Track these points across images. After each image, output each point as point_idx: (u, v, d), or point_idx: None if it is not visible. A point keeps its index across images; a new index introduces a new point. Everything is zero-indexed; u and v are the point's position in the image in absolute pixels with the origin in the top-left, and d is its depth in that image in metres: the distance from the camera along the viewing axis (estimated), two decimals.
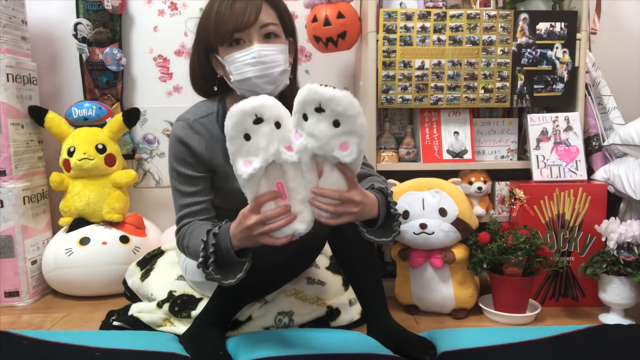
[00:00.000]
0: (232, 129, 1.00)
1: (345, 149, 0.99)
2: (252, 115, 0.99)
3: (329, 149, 0.98)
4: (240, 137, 1.00)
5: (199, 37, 1.23)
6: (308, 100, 0.97)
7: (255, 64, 1.16)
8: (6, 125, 1.69)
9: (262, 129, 1.00)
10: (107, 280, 1.73)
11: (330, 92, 0.96)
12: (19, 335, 1.34)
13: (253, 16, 1.14)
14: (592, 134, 1.74)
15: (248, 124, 0.99)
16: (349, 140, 0.99)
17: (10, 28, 1.74)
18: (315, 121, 0.98)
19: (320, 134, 0.98)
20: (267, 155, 1.00)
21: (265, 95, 1.01)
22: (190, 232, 1.19)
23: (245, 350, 1.23)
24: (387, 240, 1.15)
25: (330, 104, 0.96)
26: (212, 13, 1.17)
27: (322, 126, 0.97)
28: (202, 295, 1.43)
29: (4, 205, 1.69)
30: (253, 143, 1.00)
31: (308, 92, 0.97)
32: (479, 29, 1.66)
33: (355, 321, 1.46)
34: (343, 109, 0.96)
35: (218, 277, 1.09)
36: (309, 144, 0.99)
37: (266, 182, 1.03)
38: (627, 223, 1.49)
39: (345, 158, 0.99)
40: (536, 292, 1.62)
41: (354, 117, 0.97)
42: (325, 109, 0.97)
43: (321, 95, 0.96)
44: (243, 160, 1.01)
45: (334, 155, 0.99)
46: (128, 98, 2.06)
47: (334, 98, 0.96)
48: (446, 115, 1.75)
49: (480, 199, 1.75)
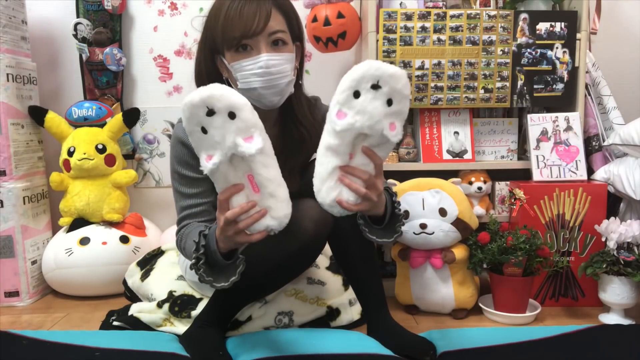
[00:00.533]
0: (187, 123, 0.97)
1: (393, 128, 0.98)
2: (202, 107, 0.95)
3: (379, 128, 0.96)
4: (197, 131, 0.97)
5: (206, 38, 1.20)
6: (367, 76, 0.95)
7: (263, 74, 1.13)
8: (6, 125, 1.69)
9: (216, 122, 0.96)
10: (107, 280, 1.73)
11: (392, 69, 0.95)
12: (19, 335, 1.34)
13: (262, 23, 1.11)
14: (592, 134, 1.74)
15: (202, 117, 0.96)
16: (396, 121, 0.98)
17: (10, 28, 1.74)
18: (370, 98, 0.95)
19: (374, 111, 0.95)
20: (224, 148, 0.96)
21: (215, 85, 0.96)
22: (187, 233, 1.19)
23: (245, 350, 1.23)
24: (387, 241, 1.15)
25: (390, 81, 0.95)
26: (220, 15, 1.14)
27: (377, 103, 0.95)
28: (202, 295, 1.43)
29: (4, 205, 1.69)
30: (210, 136, 0.97)
31: (369, 68, 0.95)
32: (479, 29, 1.66)
33: (355, 321, 1.46)
34: (401, 87, 0.96)
35: (210, 280, 1.07)
36: (357, 122, 0.96)
37: (234, 175, 1.00)
38: (627, 223, 1.49)
39: (394, 137, 0.98)
40: (536, 292, 1.62)
41: (406, 98, 0.98)
42: (383, 86, 0.95)
43: (383, 71, 0.95)
44: (205, 154, 0.99)
45: (384, 133, 0.97)
46: (128, 98, 2.06)
47: (395, 75, 0.95)
48: (446, 115, 1.75)
49: (480, 199, 1.75)
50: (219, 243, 1.05)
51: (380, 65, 0.95)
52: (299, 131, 1.26)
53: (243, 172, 1.00)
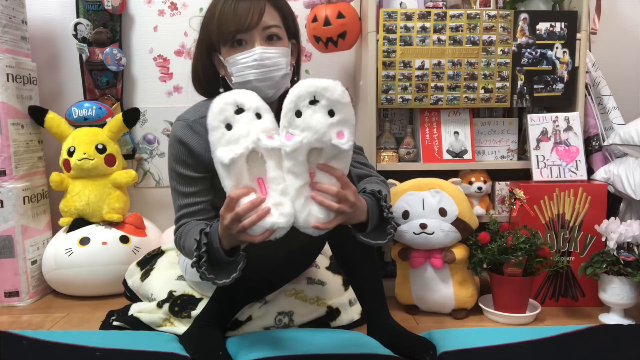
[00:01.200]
0: (214, 118, 1.01)
1: (341, 137, 1.00)
2: (233, 105, 1.02)
3: (327, 139, 0.99)
4: (221, 127, 1.02)
5: (202, 37, 1.23)
6: (302, 94, 0.99)
7: (257, 66, 1.15)
8: (6, 125, 1.69)
9: (243, 118, 1.02)
10: (107, 280, 1.73)
11: (324, 82, 1.00)
12: (19, 335, 1.34)
13: (256, 17, 1.14)
14: (592, 134, 1.74)
15: (230, 114, 1.02)
16: (344, 129, 1.01)
17: (10, 28, 1.74)
18: (310, 113, 0.99)
19: (317, 125, 0.99)
20: (247, 142, 1.01)
21: (246, 90, 1.05)
22: (186, 232, 1.19)
23: (245, 350, 1.23)
24: (382, 242, 1.14)
25: (325, 93, 0.99)
26: (216, 13, 1.17)
27: (319, 116, 0.99)
28: (202, 295, 1.43)
29: (4, 205, 1.69)
30: (234, 132, 1.02)
31: (302, 87, 1.00)
32: (479, 29, 1.66)
33: (355, 321, 1.46)
34: (338, 97, 0.99)
35: (211, 277, 1.07)
36: (304, 138, 0.99)
37: (247, 175, 1.03)
38: (627, 223, 1.49)
39: (343, 145, 1.00)
40: (536, 292, 1.62)
41: (347, 106, 1.00)
42: (320, 99, 0.99)
43: (316, 86, 0.99)
44: (224, 148, 1.02)
45: (333, 143, 0.99)
46: (128, 98, 2.06)
47: (329, 87, 0.99)
48: (446, 115, 1.75)
49: (480, 199, 1.75)
50: (222, 240, 1.06)
51: (313, 82, 0.99)
52: None
53: (255, 174, 1.04)
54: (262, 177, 1.04)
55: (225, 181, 1.03)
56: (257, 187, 1.04)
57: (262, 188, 1.03)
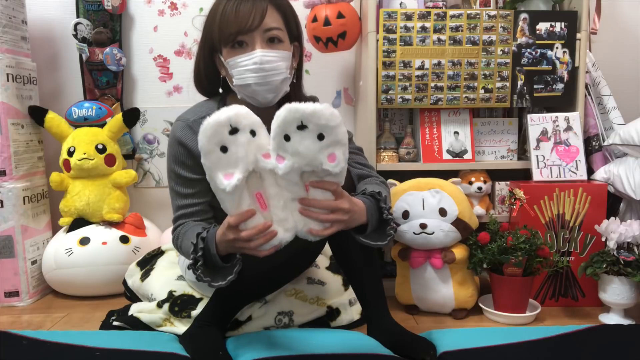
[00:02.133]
0: (207, 142, 0.97)
1: (333, 159, 0.99)
2: (227, 126, 0.97)
3: (317, 164, 0.98)
4: (216, 151, 0.98)
5: (204, 37, 1.23)
6: (289, 120, 0.96)
7: (257, 70, 1.15)
8: (6, 125, 1.69)
9: (240, 139, 0.98)
10: (107, 280, 1.73)
11: (310, 107, 0.96)
12: (19, 335, 1.34)
13: (257, 19, 1.13)
14: (592, 134, 1.74)
15: (224, 136, 0.97)
16: (335, 151, 0.99)
17: (10, 28, 1.74)
18: (299, 139, 0.97)
19: (306, 151, 0.97)
20: (247, 164, 0.99)
21: (236, 106, 0.99)
22: (183, 233, 1.19)
23: (245, 350, 1.23)
24: (382, 244, 1.15)
25: (312, 119, 0.95)
26: (218, 13, 1.17)
27: (307, 142, 0.97)
28: (202, 295, 1.43)
29: (4, 205, 1.69)
30: (231, 154, 0.98)
31: (287, 112, 0.97)
32: (479, 29, 1.66)
33: (355, 321, 1.46)
34: (326, 121, 0.96)
35: (207, 280, 1.08)
36: (295, 163, 0.98)
37: (248, 193, 1.02)
38: (627, 223, 1.49)
39: (334, 169, 0.99)
40: (536, 292, 1.62)
41: (337, 128, 0.97)
42: (308, 125, 0.96)
43: (302, 112, 0.96)
44: (223, 173, 0.99)
45: (323, 168, 0.98)
46: (128, 98, 2.06)
47: (315, 112, 0.95)
48: (446, 115, 1.75)
49: (480, 199, 1.75)
50: (219, 247, 1.06)
51: (299, 107, 0.96)
52: None
53: (253, 190, 1.02)
54: (260, 192, 1.03)
55: (226, 204, 1.02)
56: (256, 202, 1.03)
57: (261, 203, 1.03)
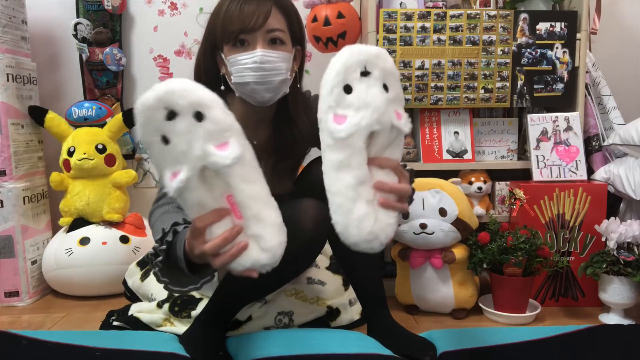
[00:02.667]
0: (143, 132, 0.76)
1: (400, 117, 0.82)
2: (160, 109, 0.74)
3: (387, 119, 0.80)
4: (157, 142, 0.76)
5: (207, 34, 1.23)
6: (352, 64, 0.80)
7: (256, 69, 1.15)
8: (6, 125, 1.69)
9: (178, 126, 0.74)
10: (107, 280, 1.73)
11: (375, 49, 0.81)
12: (19, 335, 1.34)
13: (261, 19, 1.13)
14: (592, 134, 1.74)
15: (160, 123, 0.75)
16: (399, 108, 0.83)
17: (10, 28, 1.74)
18: (364, 87, 0.79)
19: (375, 101, 0.79)
20: (192, 160, 0.75)
21: (174, 79, 0.78)
22: (163, 213, 1.09)
23: (245, 350, 1.23)
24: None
25: (378, 62, 0.80)
26: (222, 11, 1.17)
27: (375, 91, 0.80)
28: (202, 295, 1.43)
29: (4, 205, 1.69)
30: (173, 147, 0.75)
31: (349, 54, 0.80)
32: (479, 29, 1.66)
33: (355, 321, 1.46)
34: (391, 67, 0.82)
35: (165, 281, 0.95)
36: (362, 119, 0.79)
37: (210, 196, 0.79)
38: (627, 223, 1.49)
39: (405, 127, 0.83)
40: (536, 292, 1.62)
41: (398, 79, 0.84)
42: (372, 70, 0.80)
43: (367, 53, 0.80)
44: (170, 171, 0.77)
45: (394, 124, 0.80)
46: (128, 98, 2.06)
47: (380, 54, 0.81)
48: (446, 115, 1.75)
49: (480, 199, 1.75)
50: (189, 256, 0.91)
51: (362, 48, 0.81)
52: (292, 133, 1.27)
53: (220, 192, 0.80)
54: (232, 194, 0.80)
55: (186, 211, 0.82)
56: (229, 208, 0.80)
57: (235, 209, 0.80)
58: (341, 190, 0.82)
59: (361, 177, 0.81)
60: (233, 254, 0.81)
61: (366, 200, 0.81)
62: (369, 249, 0.85)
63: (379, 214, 0.82)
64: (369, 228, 0.81)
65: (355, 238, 0.83)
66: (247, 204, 0.80)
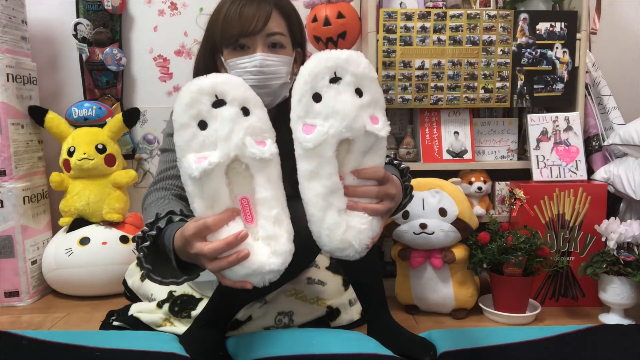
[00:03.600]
0: (182, 112, 0.78)
1: (376, 121, 0.80)
2: (210, 95, 0.78)
3: (359, 125, 0.78)
4: (193, 125, 0.78)
5: (207, 36, 1.22)
6: (319, 72, 0.78)
7: (256, 73, 1.14)
8: (6, 125, 1.69)
9: (223, 113, 0.77)
10: (107, 280, 1.73)
11: (344, 53, 0.78)
12: (19, 335, 1.34)
13: (261, 23, 1.12)
14: (592, 134, 1.74)
15: (205, 107, 0.78)
16: (375, 112, 0.80)
17: (10, 28, 1.74)
18: (333, 94, 0.78)
19: (345, 107, 0.77)
20: (228, 147, 0.76)
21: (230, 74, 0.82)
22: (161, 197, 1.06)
23: (245, 350, 1.23)
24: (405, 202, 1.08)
25: (349, 67, 0.78)
26: (221, 14, 1.16)
27: (345, 97, 0.77)
28: (202, 295, 1.43)
29: (4, 205, 1.69)
30: (210, 132, 0.77)
31: (317, 61, 0.79)
32: (479, 29, 1.66)
33: (355, 321, 1.46)
34: (364, 70, 0.79)
35: (148, 268, 0.90)
36: (330, 127, 0.77)
37: (225, 193, 0.79)
38: (627, 223, 1.49)
39: (381, 131, 0.81)
40: (536, 292, 1.62)
41: (375, 82, 0.81)
42: (342, 76, 0.78)
43: (335, 59, 0.78)
44: (195, 155, 0.77)
45: (368, 130, 0.78)
46: (128, 98, 2.06)
47: (350, 58, 0.79)
48: (446, 115, 1.75)
49: (480, 199, 1.75)
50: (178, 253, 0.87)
51: (331, 54, 0.79)
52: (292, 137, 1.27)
53: (238, 191, 0.80)
54: (247, 197, 0.80)
55: (195, 201, 0.79)
56: (242, 212, 0.80)
57: (246, 212, 0.80)
58: (312, 200, 0.82)
59: (331, 187, 0.80)
60: (231, 261, 0.78)
61: (337, 209, 0.80)
62: (345, 257, 0.85)
63: (351, 221, 0.82)
64: (340, 236, 0.81)
65: (328, 247, 0.83)
66: (270, 204, 0.80)
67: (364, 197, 0.83)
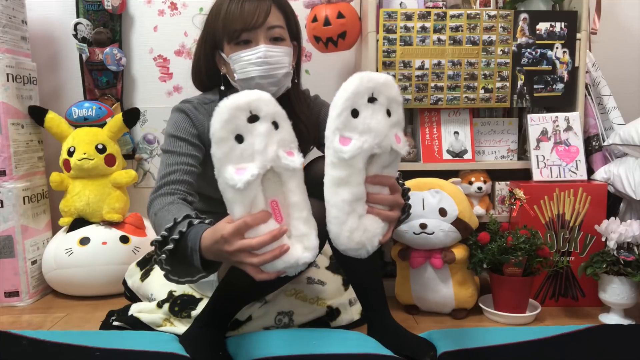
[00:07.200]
0: (221, 128, 0.85)
1: (399, 140, 0.89)
2: (246, 111, 0.85)
3: (387, 143, 0.88)
4: (231, 139, 0.85)
5: (206, 34, 1.25)
6: (361, 91, 0.87)
7: (261, 64, 1.17)
8: (6, 125, 1.69)
9: (258, 129, 0.86)
10: (107, 280, 1.73)
11: (383, 77, 0.88)
12: (19, 335, 1.34)
13: (262, 17, 1.16)
14: (592, 134, 1.74)
15: (241, 123, 0.85)
16: (398, 132, 0.90)
17: (10, 28, 1.74)
18: (370, 113, 0.86)
19: (378, 126, 0.86)
20: (265, 159, 0.85)
21: (257, 91, 0.89)
22: (169, 203, 1.09)
23: (245, 350, 1.23)
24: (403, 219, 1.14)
25: (384, 90, 0.87)
26: (222, 11, 1.19)
27: (379, 117, 0.87)
28: (202, 295, 1.43)
29: (4, 205, 1.69)
30: (247, 146, 0.85)
31: (360, 81, 0.87)
32: (479, 29, 1.66)
33: (355, 321, 1.46)
34: (395, 94, 0.89)
35: (167, 269, 0.97)
36: (365, 143, 0.86)
37: (261, 198, 0.87)
38: (627, 223, 1.49)
39: (402, 150, 0.90)
40: (536, 292, 1.62)
41: (401, 105, 0.91)
42: (378, 97, 0.87)
43: (376, 82, 0.87)
44: (234, 167, 0.85)
45: (393, 148, 0.88)
46: (128, 98, 2.06)
47: (387, 82, 0.88)
48: (446, 115, 1.75)
49: (480, 199, 1.75)
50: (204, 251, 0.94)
51: (372, 76, 0.89)
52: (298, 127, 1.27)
53: (269, 195, 0.89)
54: (277, 200, 0.89)
55: (235, 207, 0.87)
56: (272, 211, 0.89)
57: (276, 213, 0.89)
58: (338, 204, 0.90)
59: (357, 194, 0.90)
60: (275, 255, 0.87)
61: (359, 214, 0.90)
62: (356, 255, 0.94)
63: (369, 226, 0.92)
64: (358, 238, 0.91)
65: (344, 246, 0.92)
66: (300, 207, 0.90)
67: (380, 204, 0.93)
